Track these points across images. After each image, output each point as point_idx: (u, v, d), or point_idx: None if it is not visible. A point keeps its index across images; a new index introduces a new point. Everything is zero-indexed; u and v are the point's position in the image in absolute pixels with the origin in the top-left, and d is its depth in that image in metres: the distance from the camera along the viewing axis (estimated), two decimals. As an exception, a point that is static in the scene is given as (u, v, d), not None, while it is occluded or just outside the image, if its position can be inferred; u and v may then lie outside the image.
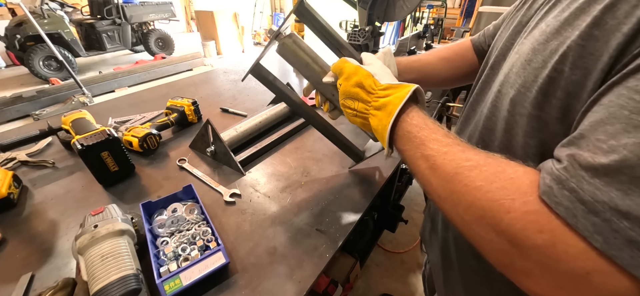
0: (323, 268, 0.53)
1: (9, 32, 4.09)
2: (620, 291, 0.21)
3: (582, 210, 0.22)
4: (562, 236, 0.23)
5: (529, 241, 0.24)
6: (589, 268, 0.22)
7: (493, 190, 0.27)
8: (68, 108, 3.09)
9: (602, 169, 0.21)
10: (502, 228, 0.25)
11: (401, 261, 1.64)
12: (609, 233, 0.21)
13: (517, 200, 0.25)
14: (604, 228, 0.21)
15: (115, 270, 0.43)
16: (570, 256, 0.22)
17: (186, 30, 8.83)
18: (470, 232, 0.29)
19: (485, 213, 0.26)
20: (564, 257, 0.23)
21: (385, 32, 4.49)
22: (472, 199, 0.28)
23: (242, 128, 0.89)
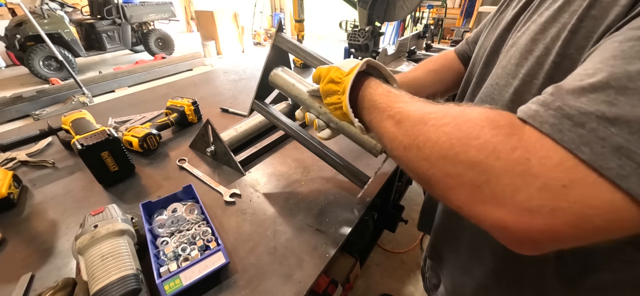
0: (323, 268, 0.53)
1: (9, 32, 4.09)
2: (597, 204, 0.19)
3: (569, 124, 0.20)
4: (539, 151, 0.21)
5: (500, 162, 0.22)
6: (567, 180, 0.20)
7: (461, 123, 0.25)
8: (68, 108, 3.09)
9: (588, 87, 0.21)
10: (470, 156, 0.23)
11: (401, 261, 1.64)
12: (596, 142, 0.19)
13: (487, 127, 0.24)
14: (590, 138, 0.19)
15: (115, 270, 0.43)
16: (547, 169, 0.20)
17: (186, 30, 8.82)
18: (436, 173, 0.26)
19: (452, 145, 0.25)
20: (540, 169, 0.21)
21: (385, 32, 4.49)
22: (438, 135, 0.26)
23: (242, 128, 0.89)
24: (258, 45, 7.06)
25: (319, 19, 7.26)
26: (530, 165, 0.21)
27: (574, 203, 0.20)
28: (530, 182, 0.21)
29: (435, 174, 0.26)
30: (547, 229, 0.21)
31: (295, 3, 1.56)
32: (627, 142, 0.18)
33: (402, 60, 1.43)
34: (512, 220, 0.22)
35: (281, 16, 5.56)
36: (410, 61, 1.40)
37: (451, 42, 1.71)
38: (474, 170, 0.23)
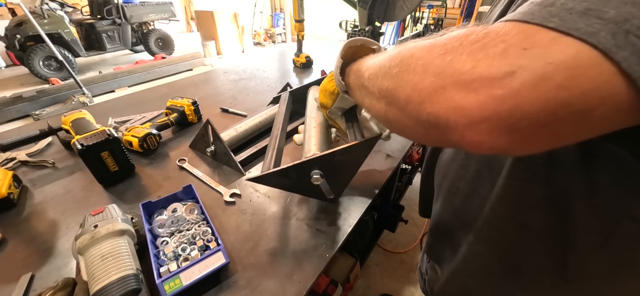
0: (323, 268, 0.53)
1: (9, 32, 4.09)
2: (559, 58, 0.18)
3: (538, 8, 0.20)
4: (502, 29, 0.20)
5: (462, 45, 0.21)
6: (527, 43, 0.19)
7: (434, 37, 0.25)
8: (68, 108, 3.09)
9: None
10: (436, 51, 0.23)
11: (401, 261, 1.64)
12: (564, 12, 0.18)
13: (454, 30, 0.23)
14: (558, 10, 0.19)
15: (115, 270, 0.43)
16: (508, 37, 0.19)
17: (186, 30, 8.82)
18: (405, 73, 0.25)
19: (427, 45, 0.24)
20: (499, 39, 0.20)
21: (385, 32, 4.49)
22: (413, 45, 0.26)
23: (242, 128, 0.89)
24: (258, 45, 7.06)
25: (319, 19, 7.26)
26: (488, 39, 0.20)
27: (533, 61, 0.18)
28: (490, 51, 0.20)
29: (404, 77, 0.25)
30: (508, 96, 0.19)
31: (295, 3, 1.56)
32: (595, 5, 0.18)
33: (402, 60, 1.43)
34: (471, 98, 0.20)
35: (281, 16, 5.53)
36: (410, 61, 1.41)
37: (451, 42, 1.70)
38: (440, 57, 0.22)
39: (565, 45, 0.18)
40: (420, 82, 0.23)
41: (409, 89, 0.25)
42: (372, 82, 0.33)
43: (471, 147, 0.21)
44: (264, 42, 7.17)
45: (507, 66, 0.19)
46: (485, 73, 0.19)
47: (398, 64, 0.27)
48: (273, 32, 7.28)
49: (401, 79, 0.26)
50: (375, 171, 0.79)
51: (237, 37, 6.12)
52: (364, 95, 0.37)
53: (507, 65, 0.19)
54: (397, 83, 0.26)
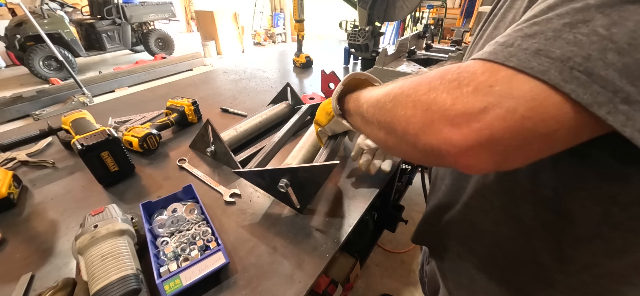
0: (323, 268, 0.53)
1: (9, 32, 4.09)
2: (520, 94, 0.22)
3: (500, 48, 0.24)
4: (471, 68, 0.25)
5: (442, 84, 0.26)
6: (492, 80, 0.23)
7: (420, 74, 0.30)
8: (68, 108, 3.09)
9: (521, 21, 0.25)
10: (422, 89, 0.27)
11: (401, 261, 1.64)
12: (521, 52, 0.23)
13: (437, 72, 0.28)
14: (516, 51, 0.23)
15: (115, 270, 0.43)
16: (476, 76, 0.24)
17: (186, 30, 8.82)
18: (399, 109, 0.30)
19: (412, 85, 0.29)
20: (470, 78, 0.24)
21: (385, 32, 4.49)
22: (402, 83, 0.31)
23: (242, 128, 0.89)
24: (258, 45, 7.06)
25: (319, 19, 7.26)
26: (462, 79, 0.25)
27: (501, 98, 0.22)
28: (464, 89, 0.24)
29: (398, 112, 0.30)
30: (484, 128, 0.23)
31: (295, 3, 1.56)
32: (544, 45, 0.22)
33: (402, 60, 1.42)
34: (456, 132, 0.24)
35: (281, 16, 5.52)
36: (411, 61, 1.40)
37: (451, 42, 1.71)
38: (425, 95, 0.27)
39: (523, 82, 0.22)
40: (412, 117, 0.28)
41: (404, 123, 0.29)
42: (370, 113, 0.37)
43: (465, 169, 0.26)
44: (264, 42, 7.17)
45: (479, 102, 0.23)
46: (463, 109, 0.24)
47: (392, 100, 0.32)
48: (273, 32, 7.28)
49: (395, 114, 0.31)
50: (375, 171, 0.79)
51: (237, 37, 6.12)
52: (362, 123, 0.42)
53: (479, 101, 0.23)
54: (393, 117, 0.31)
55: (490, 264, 0.45)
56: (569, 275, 0.37)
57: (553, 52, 0.21)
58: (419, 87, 0.28)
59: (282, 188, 0.59)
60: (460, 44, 1.61)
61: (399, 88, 0.31)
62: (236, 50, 6.12)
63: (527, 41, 0.23)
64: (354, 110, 0.45)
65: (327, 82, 1.24)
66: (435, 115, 0.26)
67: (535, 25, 0.23)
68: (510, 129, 0.22)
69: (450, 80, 0.25)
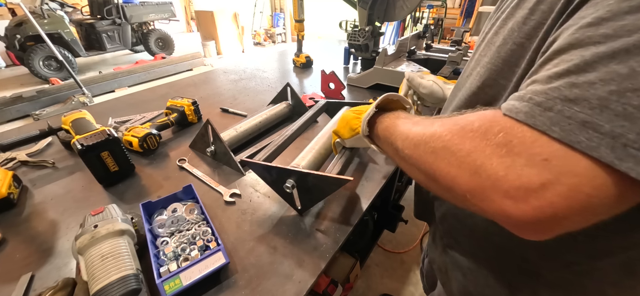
0: (323, 268, 0.53)
1: (9, 32, 4.09)
2: (580, 172, 0.21)
3: (539, 110, 0.23)
4: (517, 134, 0.24)
5: (488, 146, 0.25)
6: (546, 154, 0.22)
7: (458, 119, 0.30)
8: (68, 108, 3.09)
9: (553, 75, 0.24)
10: (466, 145, 0.27)
11: (401, 261, 1.64)
12: (564, 121, 0.22)
13: (476, 121, 0.28)
14: (558, 118, 0.22)
15: (115, 270, 0.43)
16: (526, 147, 0.23)
17: (186, 30, 8.82)
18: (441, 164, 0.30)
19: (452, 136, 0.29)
20: (521, 148, 0.23)
21: (385, 32, 4.49)
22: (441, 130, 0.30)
23: (242, 128, 0.89)
24: (258, 45, 7.06)
25: (319, 19, 7.26)
26: (512, 146, 0.24)
27: (560, 175, 0.22)
28: (516, 159, 0.23)
29: (440, 165, 0.29)
30: (545, 205, 0.22)
31: (295, 3, 1.56)
32: (590, 117, 0.21)
33: (402, 60, 1.42)
34: (513, 205, 0.24)
35: (281, 16, 5.52)
36: (411, 61, 1.40)
37: (451, 42, 1.71)
38: (470, 156, 0.26)
39: (579, 159, 0.21)
40: (458, 177, 0.27)
41: (448, 180, 0.29)
42: (407, 153, 0.36)
43: (520, 235, 0.26)
44: (264, 42, 7.17)
45: (536, 178, 0.22)
46: (518, 183, 0.23)
47: (432, 152, 0.31)
48: (273, 32, 7.28)
49: (438, 167, 0.30)
50: (376, 171, 0.79)
51: (237, 37, 6.12)
52: (395, 156, 0.41)
53: (536, 176, 0.22)
54: (435, 170, 0.30)
55: (480, 255, 0.46)
56: (552, 271, 0.38)
57: (602, 126, 0.20)
58: (461, 143, 0.27)
59: (288, 189, 0.58)
60: (460, 44, 1.61)
61: (438, 138, 0.30)
62: (236, 50, 6.12)
63: (570, 108, 0.22)
64: (385, 138, 0.44)
65: (327, 82, 1.24)
66: (486, 183, 0.25)
67: (575, 87, 0.22)
68: (574, 207, 0.22)
69: (497, 144, 0.25)
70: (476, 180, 0.26)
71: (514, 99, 0.26)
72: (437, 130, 0.31)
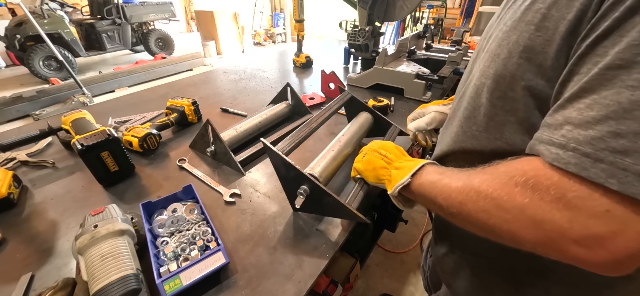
0: (323, 268, 0.53)
1: (9, 32, 4.09)
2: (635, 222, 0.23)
3: (589, 162, 0.24)
4: (572, 187, 0.25)
5: (543, 201, 0.27)
6: (607, 206, 0.24)
7: (498, 174, 0.31)
8: (68, 108, 3.09)
9: (592, 120, 0.25)
10: (517, 201, 0.28)
11: (401, 261, 1.64)
12: (620, 173, 0.23)
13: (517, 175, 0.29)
14: (613, 171, 0.23)
15: (115, 270, 0.43)
16: (584, 200, 0.25)
17: (186, 30, 8.82)
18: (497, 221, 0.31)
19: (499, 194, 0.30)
20: (578, 202, 0.25)
21: (385, 32, 4.49)
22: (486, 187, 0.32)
23: (242, 128, 0.89)
24: (258, 45, 7.06)
25: (319, 19, 7.26)
26: (568, 199, 0.25)
27: (627, 223, 0.23)
28: (577, 212, 0.25)
29: (496, 222, 0.31)
30: (622, 249, 0.24)
31: (295, 3, 1.56)
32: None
33: (402, 60, 1.42)
34: (587, 251, 0.25)
35: (281, 16, 5.50)
36: (411, 61, 1.40)
37: (451, 42, 1.71)
38: (526, 211, 0.28)
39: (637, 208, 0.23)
40: (520, 231, 0.29)
41: (510, 235, 0.30)
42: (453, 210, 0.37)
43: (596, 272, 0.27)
44: (264, 42, 7.17)
45: (604, 228, 0.24)
46: (587, 233, 0.25)
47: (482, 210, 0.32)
48: (273, 32, 7.28)
49: (494, 224, 0.31)
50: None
51: (237, 37, 6.12)
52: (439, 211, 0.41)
53: (603, 226, 0.24)
54: (492, 225, 0.31)
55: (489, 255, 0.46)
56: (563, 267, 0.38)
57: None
58: (512, 200, 0.29)
59: (299, 195, 0.57)
60: (460, 44, 1.61)
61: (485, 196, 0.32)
62: (236, 50, 6.12)
63: (622, 159, 0.23)
64: (422, 196, 0.44)
65: (327, 82, 1.24)
66: (553, 234, 0.27)
67: (621, 137, 0.23)
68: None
69: (552, 199, 0.26)
70: (541, 233, 0.27)
71: (555, 146, 0.27)
72: (481, 188, 0.32)
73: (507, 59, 0.35)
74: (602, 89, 0.24)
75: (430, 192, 0.42)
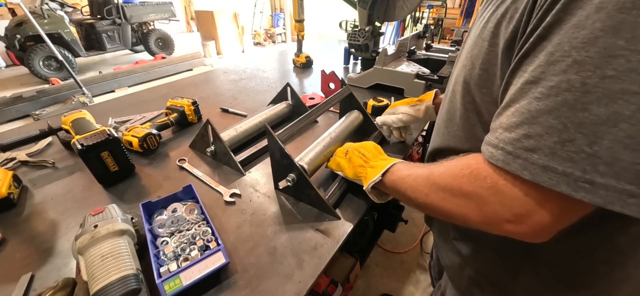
0: (323, 268, 0.53)
1: (9, 32, 4.10)
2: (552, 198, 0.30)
3: (511, 158, 0.31)
4: (501, 178, 0.33)
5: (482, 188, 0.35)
6: (525, 190, 0.31)
7: (452, 168, 0.40)
8: (68, 108, 3.09)
9: (513, 125, 0.31)
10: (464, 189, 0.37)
11: (401, 261, 1.64)
12: (530, 167, 0.29)
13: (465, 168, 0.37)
14: (526, 165, 0.30)
15: (115, 270, 0.43)
16: (509, 188, 0.32)
17: (186, 30, 8.83)
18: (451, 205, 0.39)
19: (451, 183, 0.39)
20: (506, 189, 0.32)
21: (385, 32, 4.49)
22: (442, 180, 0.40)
23: (242, 128, 0.89)
24: (258, 45, 7.06)
25: (319, 19, 7.26)
26: (498, 187, 0.33)
27: (539, 204, 0.31)
28: (505, 197, 0.33)
29: (452, 207, 0.39)
30: (536, 223, 0.31)
31: (295, 3, 1.56)
32: (547, 161, 0.28)
33: (402, 60, 1.42)
34: (515, 226, 0.33)
35: (281, 16, 5.50)
36: (411, 61, 1.40)
37: (451, 42, 1.71)
38: (472, 196, 0.36)
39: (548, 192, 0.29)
40: (469, 214, 0.37)
41: (463, 216, 0.38)
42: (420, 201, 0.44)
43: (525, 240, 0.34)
44: (264, 42, 7.17)
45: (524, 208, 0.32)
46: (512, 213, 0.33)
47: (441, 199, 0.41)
48: (273, 32, 7.28)
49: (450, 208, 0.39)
50: (375, 171, 0.79)
51: (237, 37, 6.12)
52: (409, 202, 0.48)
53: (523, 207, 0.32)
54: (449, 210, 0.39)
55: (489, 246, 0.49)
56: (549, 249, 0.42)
57: (556, 169, 0.28)
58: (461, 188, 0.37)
59: (286, 181, 0.63)
60: (460, 44, 1.61)
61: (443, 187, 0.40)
62: (236, 50, 6.12)
63: (531, 155, 0.29)
64: (394, 190, 0.52)
65: (327, 82, 1.24)
66: (491, 215, 0.35)
67: (531, 138, 0.29)
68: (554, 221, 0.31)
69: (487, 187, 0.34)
70: (483, 214, 0.35)
71: (491, 146, 0.34)
72: (440, 180, 0.41)
73: (472, 69, 0.40)
74: (520, 100, 0.31)
75: (401, 186, 0.49)
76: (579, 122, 0.26)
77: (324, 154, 0.73)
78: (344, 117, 0.89)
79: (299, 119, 0.73)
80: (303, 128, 0.74)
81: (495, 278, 0.50)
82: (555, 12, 0.28)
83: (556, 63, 0.27)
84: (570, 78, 0.26)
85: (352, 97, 0.90)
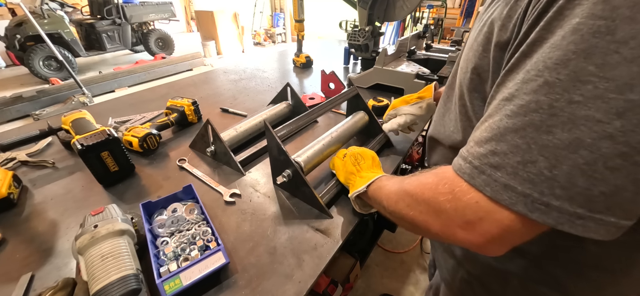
0: (323, 268, 0.53)
1: (9, 32, 4.09)
2: (505, 222, 0.30)
3: (476, 173, 0.31)
4: (465, 193, 0.32)
5: (443, 198, 0.34)
6: (483, 204, 0.31)
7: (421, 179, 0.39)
8: (68, 108, 3.09)
9: (483, 140, 0.31)
10: (427, 197, 0.37)
11: (401, 261, 1.64)
12: (492, 183, 0.30)
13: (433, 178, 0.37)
14: (489, 181, 0.30)
15: (115, 270, 0.43)
16: (468, 200, 0.32)
17: (186, 30, 8.82)
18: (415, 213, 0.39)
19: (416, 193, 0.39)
20: (465, 201, 0.32)
21: (385, 32, 4.49)
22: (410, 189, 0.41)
23: (242, 128, 0.89)
24: (258, 45, 7.05)
25: (319, 19, 7.25)
26: (457, 199, 0.33)
27: (489, 214, 0.30)
28: (460, 203, 0.33)
29: (415, 215, 0.39)
30: (487, 230, 0.31)
31: (295, 3, 1.56)
32: (508, 181, 0.28)
33: (402, 60, 1.42)
34: (466, 234, 0.33)
35: (281, 16, 5.50)
36: (411, 61, 1.40)
37: (451, 42, 1.71)
38: (431, 203, 0.36)
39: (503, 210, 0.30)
40: (429, 221, 0.37)
41: (423, 224, 0.38)
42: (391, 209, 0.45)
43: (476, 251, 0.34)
44: (264, 42, 7.17)
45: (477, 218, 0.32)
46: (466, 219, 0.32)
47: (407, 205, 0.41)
48: (273, 32, 7.27)
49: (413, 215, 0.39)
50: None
51: (237, 37, 6.12)
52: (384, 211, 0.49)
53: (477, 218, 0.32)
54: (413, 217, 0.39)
55: None
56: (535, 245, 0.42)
57: (516, 188, 0.28)
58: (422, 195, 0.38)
59: (282, 176, 0.64)
60: (460, 44, 1.61)
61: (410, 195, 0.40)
62: (236, 50, 6.11)
63: (494, 173, 0.29)
64: (374, 199, 0.52)
65: (327, 82, 1.24)
66: (447, 221, 0.35)
67: (496, 155, 0.29)
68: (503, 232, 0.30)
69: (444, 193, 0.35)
70: (441, 220, 0.35)
71: (461, 158, 0.34)
72: (408, 189, 0.41)
73: (466, 73, 0.41)
74: (494, 115, 0.31)
75: (378, 196, 0.50)
76: (542, 144, 0.26)
77: (324, 153, 0.73)
78: (349, 117, 0.89)
79: (298, 117, 0.73)
80: (304, 128, 0.74)
81: (487, 281, 0.51)
82: (539, 29, 0.27)
83: (529, 82, 0.27)
84: (539, 99, 0.26)
85: (359, 98, 0.90)
